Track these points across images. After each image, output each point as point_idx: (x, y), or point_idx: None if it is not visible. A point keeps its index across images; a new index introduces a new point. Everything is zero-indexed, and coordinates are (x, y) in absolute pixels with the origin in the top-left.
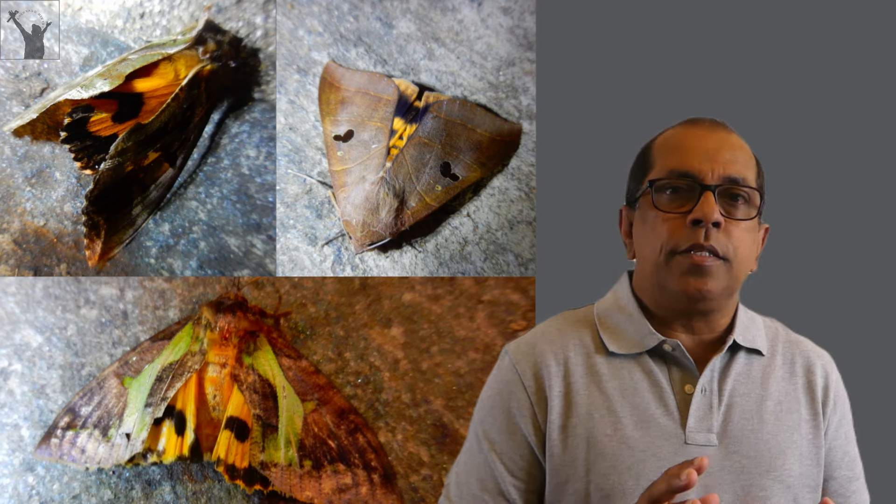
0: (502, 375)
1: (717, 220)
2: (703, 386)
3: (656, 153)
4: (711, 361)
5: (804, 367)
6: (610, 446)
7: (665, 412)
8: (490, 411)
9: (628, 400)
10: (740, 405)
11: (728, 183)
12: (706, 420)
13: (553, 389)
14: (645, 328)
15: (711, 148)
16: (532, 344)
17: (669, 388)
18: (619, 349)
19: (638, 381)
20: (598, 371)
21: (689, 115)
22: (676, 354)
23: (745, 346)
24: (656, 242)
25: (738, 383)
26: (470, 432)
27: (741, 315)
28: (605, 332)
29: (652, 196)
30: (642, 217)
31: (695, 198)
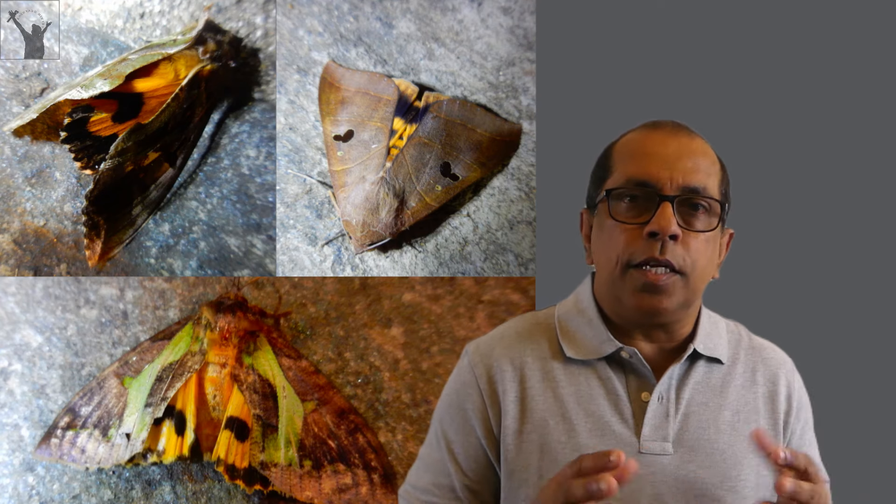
0: (461, 375)
1: (674, 233)
2: (659, 394)
3: (616, 158)
4: (670, 369)
5: (766, 377)
6: (563, 454)
7: (620, 420)
8: (447, 409)
9: (583, 407)
10: (697, 414)
11: (687, 193)
12: (661, 429)
13: (508, 395)
14: (603, 334)
15: (671, 154)
16: (491, 346)
17: (626, 396)
18: (576, 355)
19: (594, 388)
20: (555, 377)
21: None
22: (633, 362)
23: (704, 355)
24: (612, 253)
25: (696, 392)
26: (431, 425)
27: (704, 321)
28: (564, 338)
29: (609, 204)
30: (599, 224)
31: (653, 208)
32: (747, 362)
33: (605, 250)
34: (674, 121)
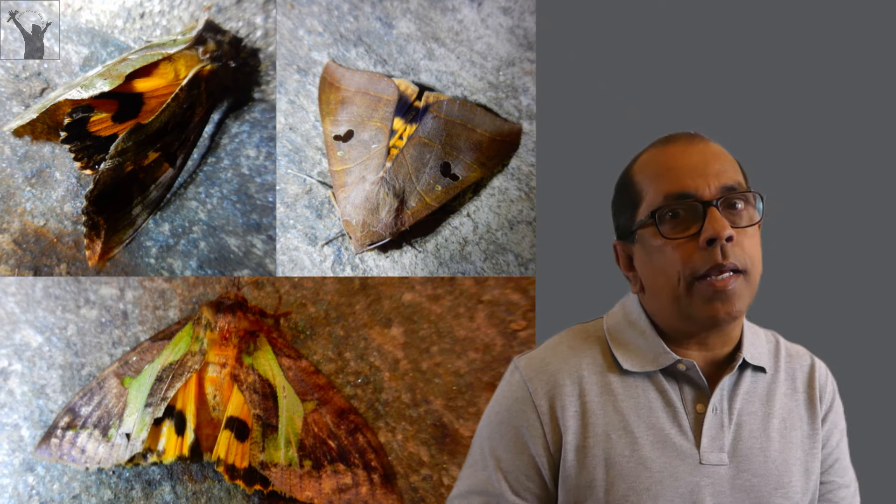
0: (512, 392)
1: (730, 235)
2: (714, 405)
3: (640, 180)
4: (722, 381)
5: (804, 383)
6: (628, 467)
7: (679, 432)
8: (497, 427)
9: (643, 420)
10: (748, 424)
11: (726, 193)
12: (718, 439)
13: (568, 410)
14: (659, 346)
15: (698, 162)
16: (544, 360)
17: (682, 408)
18: (633, 367)
19: (652, 401)
20: (613, 390)
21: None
22: (690, 374)
23: (751, 364)
24: (671, 271)
25: (745, 402)
26: (474, 446)
27: (746, 331)
28: (618, 349)
29: (656, 225)
30: (646, 249)
31: (698, 217)
32: (787, 370)
33: (661, 272)
34: (685, 131)
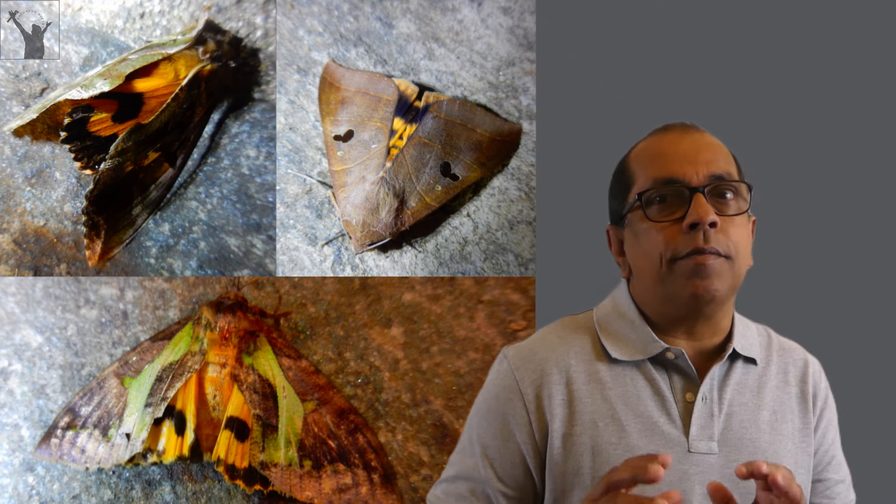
0: (500, 380)
1: (713, 220)
2: (703, 394)
3: (634, 167)
4: (712, 370)
5: (797, 377)
6: (615, 455)
7: (668, 420)
8: (485, 415)
9: (632, 408)
10: (739, 414)
11: (714, 181)
12: (707, 428)
13: (554, 398)
14: (648, 335)
15: (690, 149)
16: (532, 350)
17: (671, 396)
18: (621, 356)
19: (641, 389)
20: (601, 378)
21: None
22: (679, 362)
23: (742, 355)
24: (654, 253)
25: (736, 392)
26: (464, 433)
27: (737, 323)
28: (607, 339)
29: (643, 208)
30: (634, 232)
31: (685, 203)
32: (779, 364)
33: (645, 254)
34: (681, 122)
